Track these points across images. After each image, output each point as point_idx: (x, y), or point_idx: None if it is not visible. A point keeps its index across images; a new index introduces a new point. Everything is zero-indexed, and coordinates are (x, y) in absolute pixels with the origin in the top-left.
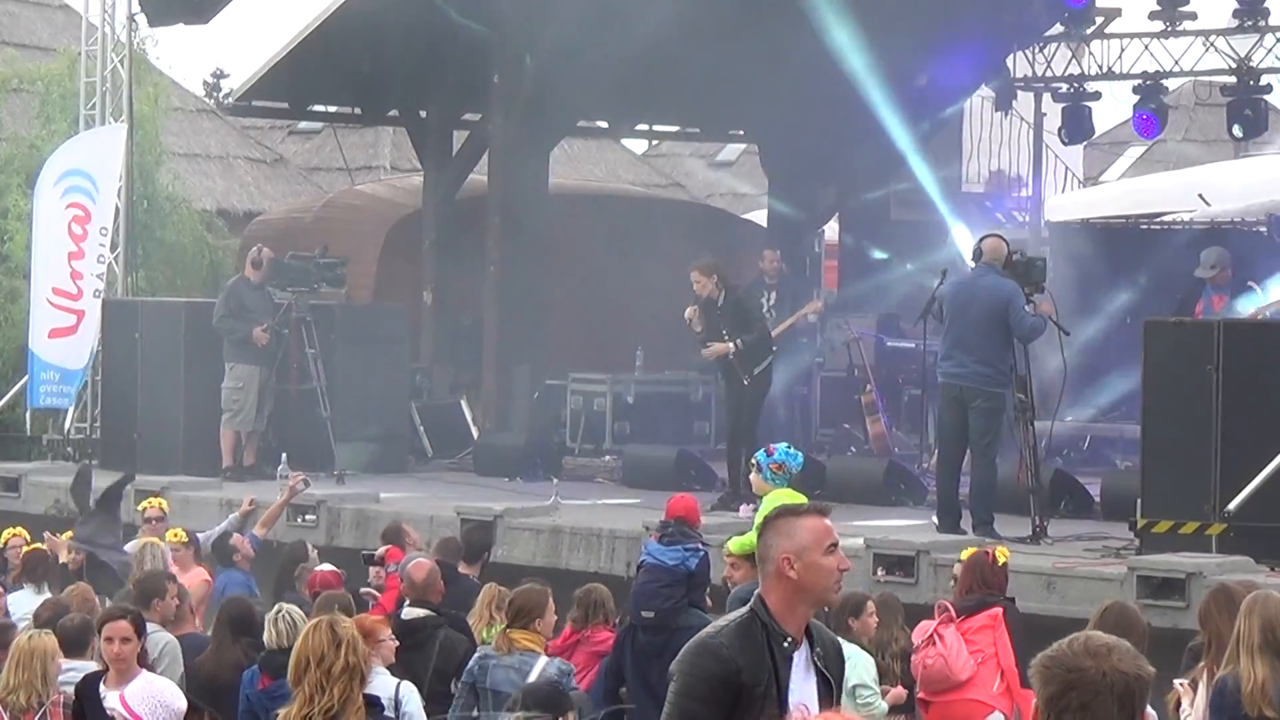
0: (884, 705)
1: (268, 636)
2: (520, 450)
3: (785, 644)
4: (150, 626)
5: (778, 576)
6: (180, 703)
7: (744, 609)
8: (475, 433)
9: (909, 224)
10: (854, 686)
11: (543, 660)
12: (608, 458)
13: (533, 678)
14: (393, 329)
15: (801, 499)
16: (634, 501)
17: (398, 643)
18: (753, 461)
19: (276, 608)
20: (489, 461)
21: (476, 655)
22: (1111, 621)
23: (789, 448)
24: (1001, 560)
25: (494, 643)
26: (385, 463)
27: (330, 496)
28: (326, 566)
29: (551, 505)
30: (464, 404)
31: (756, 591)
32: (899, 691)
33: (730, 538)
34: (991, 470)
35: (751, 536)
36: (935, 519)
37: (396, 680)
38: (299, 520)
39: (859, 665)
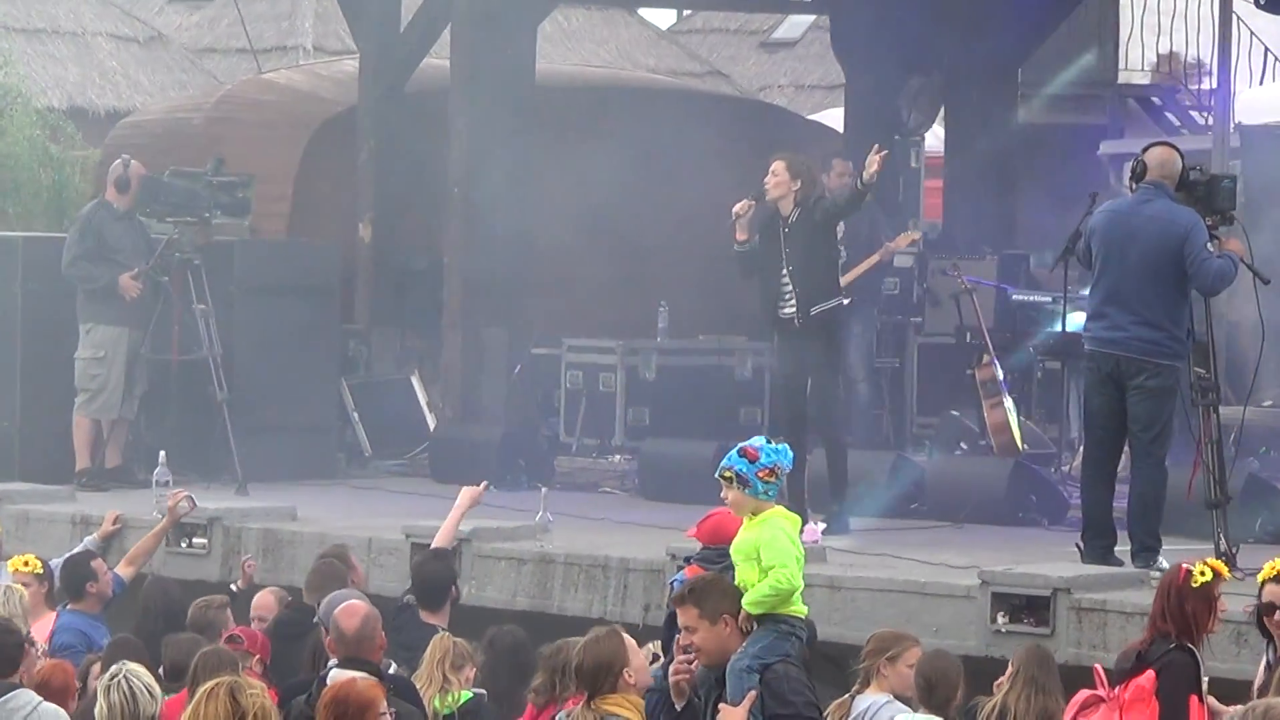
0: None
1: (98, 711)
2: (495, 447)
3: None
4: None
5: None
6: None
7: None
8: (432, 422)
9: (1044, 129)
10: None
11: None
12: (618, 458)
13: None
14: (317, 276)
15: (796, 520)
16: (655, 520)
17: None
18: (726, 472)
19: (115, 667)
20: (451, 463)
21: None
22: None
23: (769, 440)
24: (1200, 580)
25: None
26: (305, 465)
27: (227, 513)
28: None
29: (539, 525)
30: (416, 382)
31: None
32: None
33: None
34: (1159, 475)
35: (772, 584)
36: (1079, 544)
37: None
38: (182, 545)
39: None
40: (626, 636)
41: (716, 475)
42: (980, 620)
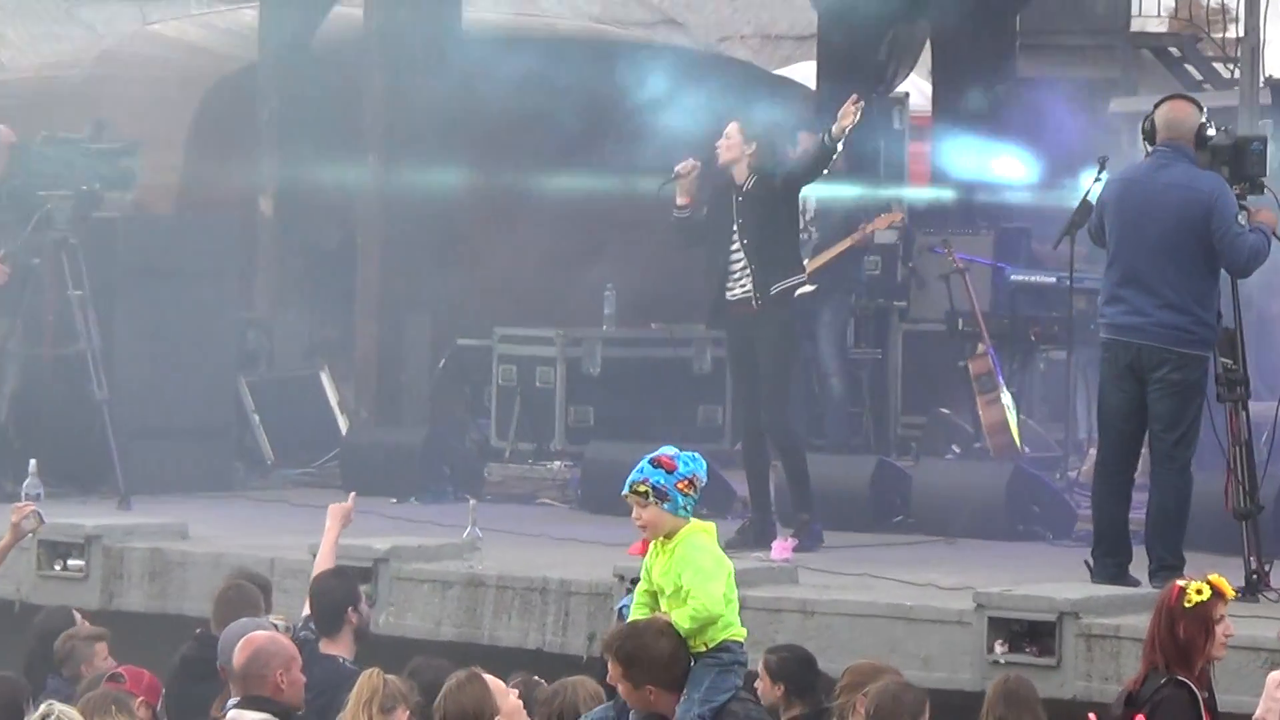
0: None
1: None
2: (416, 453)
3: None
4: None
5: None
6: None
7: None
8: (344, 425)
9: (1047, 84)
10: None
11: None
12: (558, 465)
13: None
14: (211, 257)
15: (711, 529)
16: (601, 536)
17: None
18: (640, 486)
19: (45, 708)
20: (366, 471)
21: None
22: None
23: (681, 450)
24: (1195, 599)
25: None
26: (198, 474)
27: (108, 530)
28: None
29: (467, 542)
30: (325, 378)
31: None
32: None
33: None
34: (1183, 483)
35: (707, 605)
36: (1089, 561)
37: None
38: (55, 569)
39: None
40: (491, 679)
41: (625, 492)
42: (975, 650)
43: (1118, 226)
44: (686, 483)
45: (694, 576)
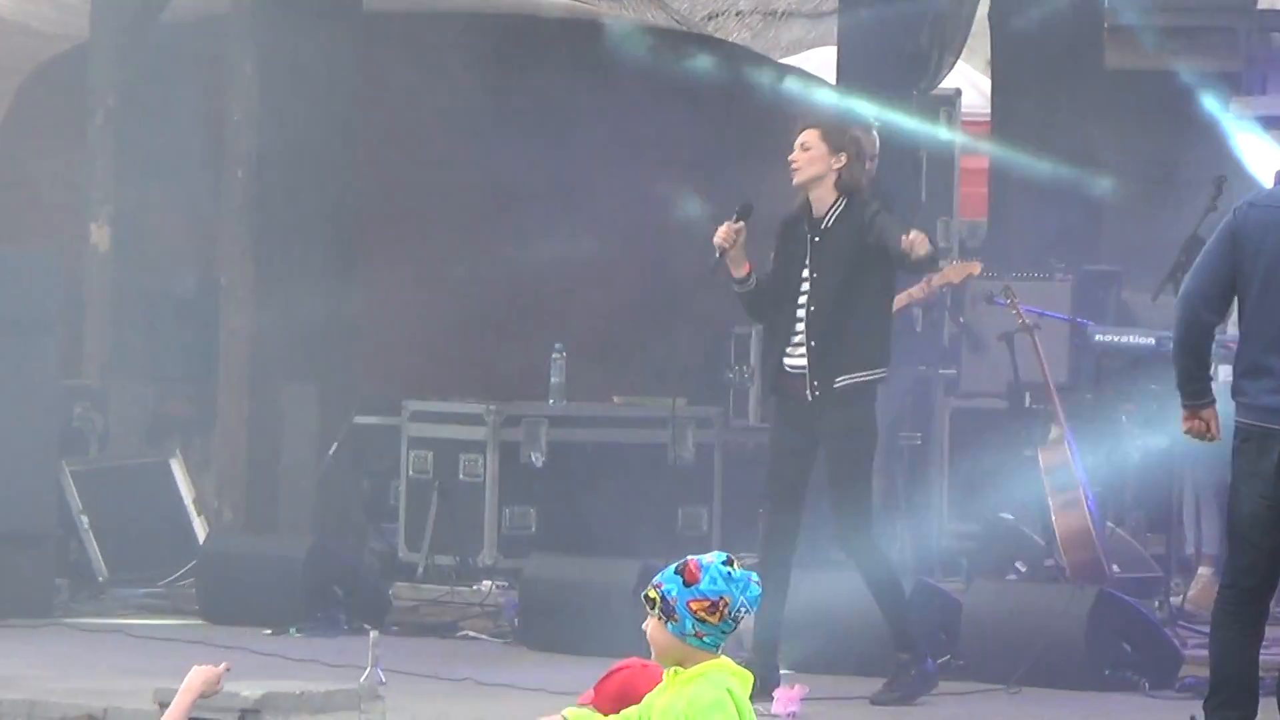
0: None
1: None
2: (298, 568)
3: None
4: None
5: None
6: None
7: None
8: (201, 529)
9: (1144, 79)
10: None
11: None
12: (488, 585)
13: None
14: (25, 304)
15: (746, 678)
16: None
17: None
18: (651, 592)
19: None
20: (230, 592)
21: None
22: None
23: (725, 561)
24: None
25: None
26: (6, 596)
27: None
28: None
29: (366, 689)
30: (177, 467)
31: None
32: None
33: None
34: None
35: None
36: (1198, 717)
37: None
38: None
39: None
40: None
41: (641, 595)
42: None
43: (1260, 273)
44: (705, 605)
45: None
